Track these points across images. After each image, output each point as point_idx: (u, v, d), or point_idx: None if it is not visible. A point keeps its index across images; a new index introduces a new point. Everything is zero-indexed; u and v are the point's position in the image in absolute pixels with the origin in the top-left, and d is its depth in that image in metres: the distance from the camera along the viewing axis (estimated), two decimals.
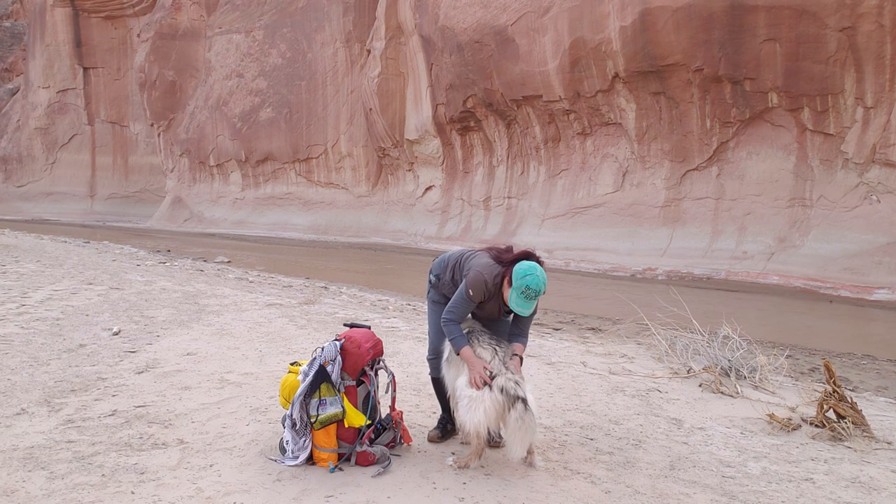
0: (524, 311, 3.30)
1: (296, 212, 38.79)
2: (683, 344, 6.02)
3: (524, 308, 3.28)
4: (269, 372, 5.14)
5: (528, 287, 3.21)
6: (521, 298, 3.24)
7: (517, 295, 3.24)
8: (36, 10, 56.08)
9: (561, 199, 24.63)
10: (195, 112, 44.44)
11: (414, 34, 30.50)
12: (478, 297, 3.40)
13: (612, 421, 4.26)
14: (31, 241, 21.93)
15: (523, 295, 3.23)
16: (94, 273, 11.67)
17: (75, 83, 55.26)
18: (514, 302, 3.27)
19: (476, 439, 3.27)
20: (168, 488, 3.02)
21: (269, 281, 14.66)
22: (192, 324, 7.09)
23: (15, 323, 6.67)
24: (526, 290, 3.22)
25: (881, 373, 8.30)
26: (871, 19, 16.75)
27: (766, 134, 19.66)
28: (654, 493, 3.15)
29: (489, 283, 3.37)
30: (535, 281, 3.21)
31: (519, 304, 3.26)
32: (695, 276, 19.11)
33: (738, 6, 18.23)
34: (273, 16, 40.23)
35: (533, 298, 3.25)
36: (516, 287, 3.24)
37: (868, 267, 16.51)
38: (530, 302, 3.26)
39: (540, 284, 3.22)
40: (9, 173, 57.22)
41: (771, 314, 14.14)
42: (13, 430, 3.72)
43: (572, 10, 22.19)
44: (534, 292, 3.22)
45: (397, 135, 32.46)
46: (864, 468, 3.60)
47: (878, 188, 17.50)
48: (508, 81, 24.93)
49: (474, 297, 3.40)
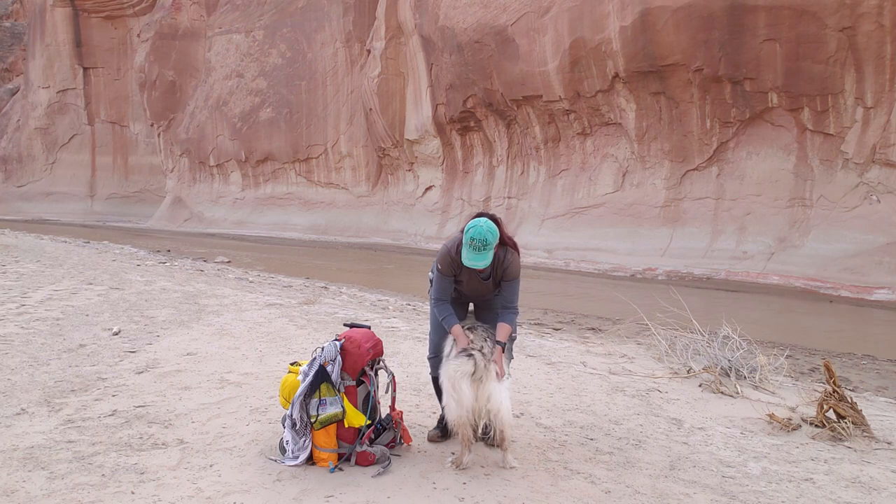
0: (476, 263, 3.32)
1: (296, 212, 38.79)
2: (683, 344, 6.02)
3: (475, 260, 3.31)
4: (269, 372, 5.14)
5: (473, 238, 3.28)
6: (469, 251, 3.30)
7: (466, 249, 3.32)
8: (36, 10, 56.08)
9: (561, 199, 24.63)
10: (195, 112, 44.44)
11: (414, 34, 30.50)
12: (447, 270, 3.50)
13: (612, 421, 4.26)
14: (31, 241, 21.93)
15: (470, 247, 3.29)
16: (94, 273, 11.67)
17: (75, 83, 55.26)
18: (465, 258, 3.33)
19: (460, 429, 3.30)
20: (168, 488, 3.02)
21: (269, 281, 14.66)
22: (192, 324, 7.08)
23: (15, 323, 6.67)
24: (471, 242, 3.28)
25: (881, 373, 8.30)
26: (871, 19, 16.75)
27: (766, 134, 19.66)
28: (654, 493, 3.15)
29: (452, 253, 3.47)
30: (478, 231, 3.28)
31: (470, 258, 3.31)
32: (695, 276, 19.11)
33: (738, 6, 18.23)
34: (273, 16, 40.23)
35: (480, 249, 3.28)
36: (464, 243, 3.32)
37: (868, 267, 16.51)
38: (480, 253, 3.29)
39: (483, 233, 3.27)
40: (9, 173, 57.23)
41: (771, 314, 14.14)
42: (13, 430, 3.72)
43: (572, 10, 22.19)
44: (479, 242, 3.27)
45: (397, 135, 32.46)
46: (864, 468, 3.60)
47: (878, 188, 17.50)
48: (508, 81, 24.93)
49: (444, 271, 3.50)
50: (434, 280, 3.59)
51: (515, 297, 3.55)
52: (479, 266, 3.35)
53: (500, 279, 3.56)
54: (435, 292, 3.57)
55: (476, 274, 3.52)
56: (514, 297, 3.54)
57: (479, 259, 3.32)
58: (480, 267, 3.36)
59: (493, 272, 3.54)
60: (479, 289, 3.61)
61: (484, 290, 3.62)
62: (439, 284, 3.55)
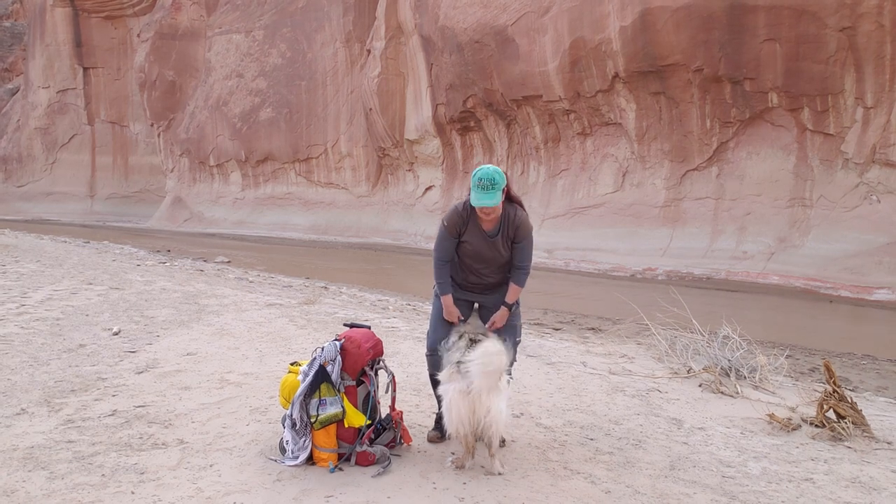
0: (485, 201, 3.37)
1: (296, 212, 38.78)
2: (683, 344, 6.02)
3: (484, 199, 3.37)
4: (269, 372, 5.14)
5: (481, 178, 3.36)
6: (477, 191, 3.38)
7: (474, 191, 3.40)
8: (36, 10, 56.07)
9: (561, 199, 24.63)
10: (195, 112, 44.43)
11: (414, 34, 30.49)
12: (452, 229, 3.56)
13: (612, 421, 4.26)
14: (31, 241, 21.93)
15: (478, 187, 3.37)
16: (94, 273, 11.67)
17: (75, 83, 55.24)
18: (474, 199, 3.40)
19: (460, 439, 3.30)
20: (168, 488, 3.02)
21: (269, 281, 14.66)
22: (192, 324, 7.08)
23: (15, 323, 6.67)
24: (479, 182, 3.37)
25: (881, 373, 8.30)
26: (871, 19, 16.75)
27: (766, 134, 19.66)
28: (654, 493, 3.15)
29: (460, 209, 3.56)
30: (486, 172, 3.37)
31: (479, 197, 3.38)
32: (695, 276, 19.11)
33: (738, 6, 18.24)
34: (273, 16, 40.23)
35: (489, 188, 3.36)
36: (472, 186, 3.41)
37: (868, 267, 16.51)
38: (488, 192, 3.36)
39: (491, 173, 3.36)
40: (9, 173, 57.22)
41: (771, 314, 14.14)
42: (13, 430, 3.72)
43: (572, 10, 22.19)
44: (487, 181, 3.35)
45: (397, 135, 32.46)
46: (864, 468, 3.60)
47: (878, 188, 17.50)
48: (508, 81, 24.93)
49: (449, 229, 3.57)
50: (438, 238, 3.64)
51: (529, 258, 3.62)
52: (488, 204, 3.38)
53: (511, 239, 3.58)
54: (437, 251, 3.64)
55: (483, 234, 3.54)
56: (526, 258, 3.61)
57: (488, 197, 3.37)
58: (489, 205, 3.39)
59: (502, 229, 3.55)
60: (486, 250, 3.58)
61: (490, 252, 3.58)
62: (442, 244, 3.61)
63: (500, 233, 3.56)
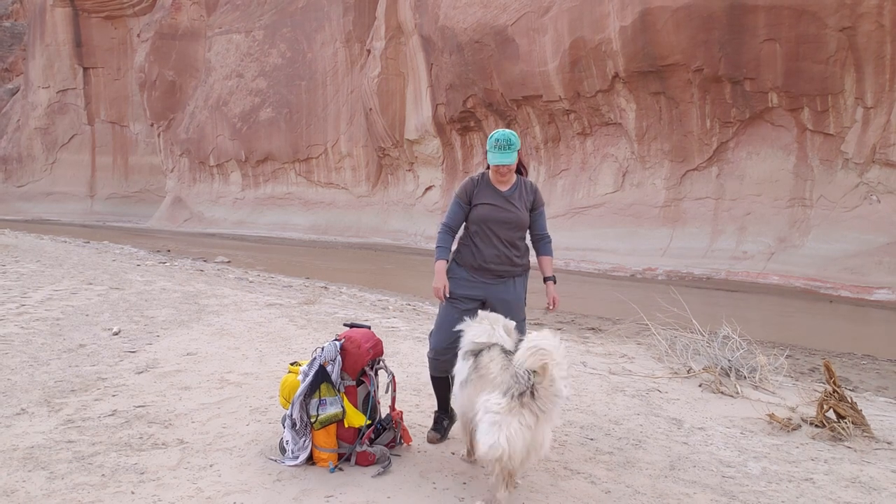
0: (503, 160, 3.49)
1: (296, 212, 38.79)
2: (683, 344, 6.02)
3: (502, 157, 3.49)
4: (269, 372, 5.14)
5: (498, 140, 3.51)
6: (494, 151, 3.51)
7: (491, 152, 3.53)
8: (36, 10, 56.10)
9: (561, 199, 24.63)
10: (195, 112, 44.44)
11: (414, 34, 30.50)
12: (463, 192, 3.66)
13: (612, 421, 4.26)
14: (31, 241, 21.93)
15: (495, 148, 3.51)
16: (94, 273, 11.67)
17: (75, 83, 55.26)
18: (492, 158, 3.53)
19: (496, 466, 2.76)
20: (168, 488, 3.02)
21: (269, 281, 14.66)
22: (192, 324, 7.08)
23: (15, 323, 6.67)
24: (496, 143, 3.50)
25: (881, 373, 8.30)
26: (871, 19, 16.75)
27: (766, 134, 19.66)
28: (654, 493, 3.15)
29: (475, 177, 3.69)
30: (503, 133, 3.52)
31: (496, 156, 3.51)
32: (695, 276, 19.11)
33: (738, 6, 18.24)
34: (273, 16, 40.23)
35: (505, 148, 3.49)
36: (489, 148, 3.55)
37: (868, 267, 16.51)
38: (505, 152, 3.49)
39: (507, 135, 3.51)
40: (9, 173, 57.23)
41: (771, 314, 14.14)
42: (13, 430, 3.72)
43: (572, 10, 22.19)
44: (504, 142, 3.49)
45: (397, 135, 32.46)
46: (864, 468, 3.60)
47: (878, 188, 17.50)
48: (508, 81, 24.93)
49: (460, 195, 3.67)
50: (449, 207, 3.75)
51: (546, 225, 3.80)
52: (505, 162, 3.50)
53: (530, 202, 3.67)
54: (445, 217, 3.73)
55: (499, 193, 3.60)
56: (545, 225, 3.79)
57: (504, 156, 3.49)
58: (507, 163, 3.51)
59: (518, 190, 3.64)
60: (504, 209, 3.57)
61: (508, 212, 3.58)
62: (452, 209, 3.71)
63: (517, 192, 3.64)
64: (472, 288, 3.62)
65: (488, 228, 3.59)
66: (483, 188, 3.63)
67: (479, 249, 3.61)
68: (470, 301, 3.61)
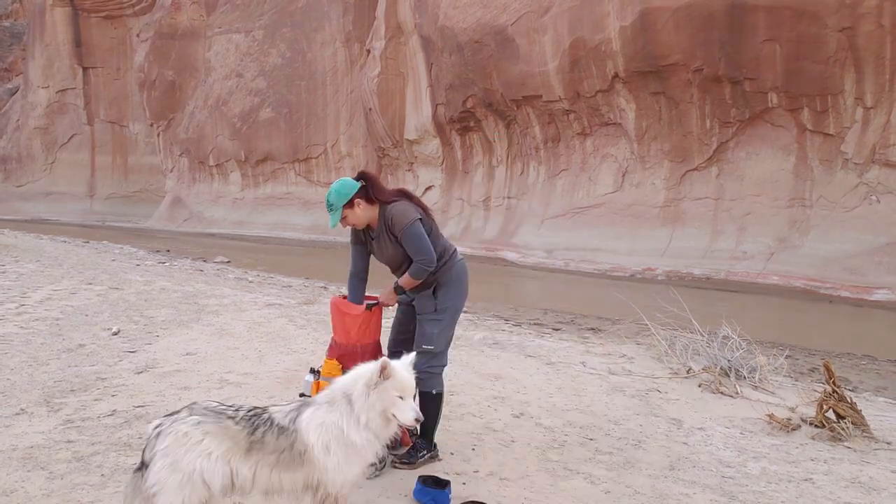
0: (331, 223, 3.48)
1: (295, 212, 38.77)
2: (683, 344, 6.02)
3: (331, 219, 3.47)
4: (269, 372, 5.14)
5: (326, 200, 3.44)
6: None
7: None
8: (36, 9, 56.06)
9: (560, 199, 24.63)
10: (195, 112, 44.42)
11: (414, 34, 30.48)
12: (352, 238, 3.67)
13: (611, 421, 4.26)
14: (30, 240, 21.91)
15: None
16: (94, 273, 11.66)
17: (75, 83, 55.22)
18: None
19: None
20: None
21: (268, 281, 14.65)
22: (192, 324, 7.08)
23: (14, 323, 6.66)
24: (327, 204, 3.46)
25: (881, 373, 8.30)
26: (871, 19, 16.75)
27: (765, 134, 19.66)
28: (654, 493, 3.15)
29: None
30: (328, 193, 3.43)
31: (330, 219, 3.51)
32: (694, 276, 19.11)
33: (738, 6, 18.23)
34: (273, 16, 40.21)
35: (329, 210, 3.42)
36: None
37: (868, 267, 16.51)
38: (331, 214, 3.44)
39: (328, 195, 3.41)
40: (8, 173, 57.19)
41: (770, 314, 14.15)
42: (13, 430, 3.71)
43: (572, 10, 22.18)
44: (327, 204, 3.43)
45: (397, 135, 32.45)
46: (863, 468, 3.60)
47: (878, 188, 17.50)
48: (508, 81, 24.92)
49: (351, 240, 3.69)
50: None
51: (419, 251, 3.38)
52: (332, 225, 3.50)
53: (395, 236, 3.46)
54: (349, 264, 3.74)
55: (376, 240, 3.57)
56: (414, 250, 3.39)
57: (333, 218, 3.45)
58: (332, 227, 3.56)
59: (382, 228, 3.50)
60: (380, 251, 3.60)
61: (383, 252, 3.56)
62: (350, 254, 3.73)
63: (384, 235, 3.50)
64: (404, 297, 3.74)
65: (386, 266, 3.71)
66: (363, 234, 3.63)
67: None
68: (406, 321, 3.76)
